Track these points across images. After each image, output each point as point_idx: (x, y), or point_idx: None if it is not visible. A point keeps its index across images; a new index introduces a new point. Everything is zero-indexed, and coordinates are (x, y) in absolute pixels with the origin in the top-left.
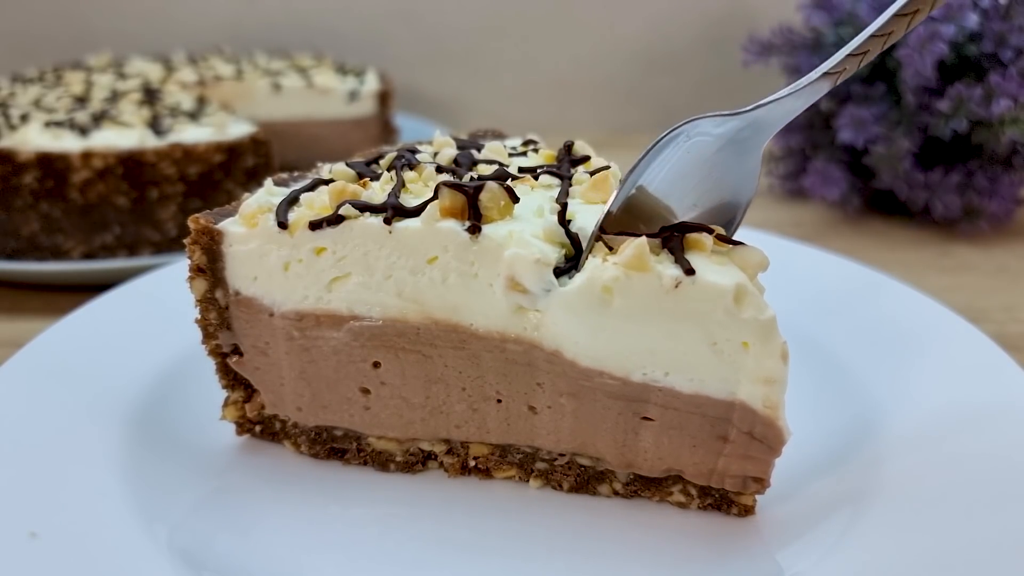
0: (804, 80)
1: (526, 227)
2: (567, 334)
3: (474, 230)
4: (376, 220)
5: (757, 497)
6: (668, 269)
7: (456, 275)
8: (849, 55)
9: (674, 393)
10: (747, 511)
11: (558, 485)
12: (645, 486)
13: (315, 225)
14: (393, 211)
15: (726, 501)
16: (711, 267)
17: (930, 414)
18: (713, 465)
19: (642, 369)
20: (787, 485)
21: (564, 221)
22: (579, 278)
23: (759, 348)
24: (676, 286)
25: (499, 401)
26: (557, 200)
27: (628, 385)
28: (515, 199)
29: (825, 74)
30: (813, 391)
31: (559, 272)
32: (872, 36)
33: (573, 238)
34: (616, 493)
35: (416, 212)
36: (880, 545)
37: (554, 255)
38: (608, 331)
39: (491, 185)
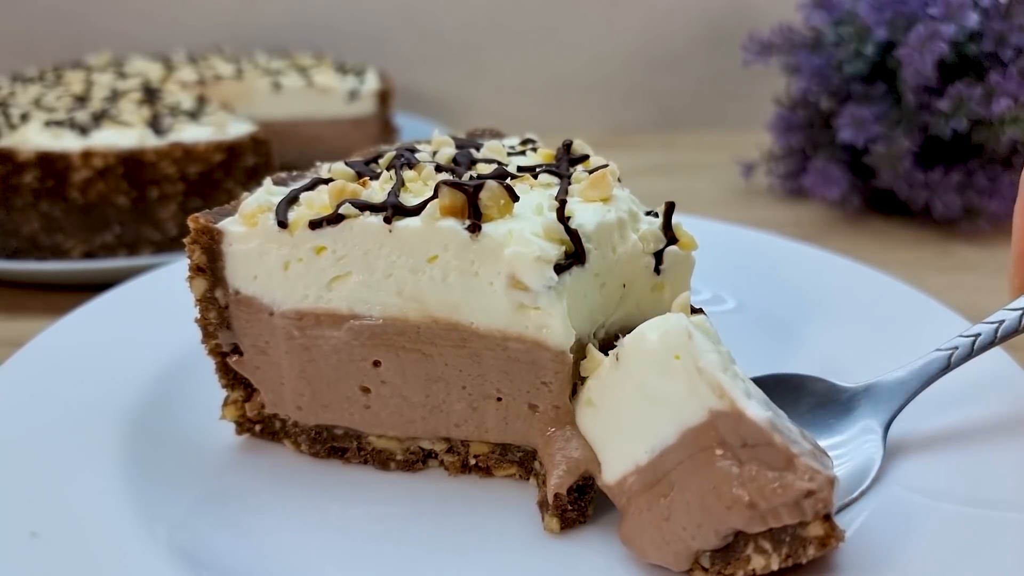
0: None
1: (526, 225)
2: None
3: (474, 229)
4: (376, 219)
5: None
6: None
7: (456, 274)
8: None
9: (669, 449)
10: (823, 544)
11: None
12: (724, 561)
13: (315, 224)
14: (393, 210)
15: (799, 541)
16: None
17: (928, 414)
18: (745, 498)
19: (645, 447)
20: None
21: (563, 218)
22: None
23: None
24: (617, 359)
25: (499, 399)
26: (556, 198)
27: (642, 472)
28: (515, 198)
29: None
30: None
31: (560, 269)
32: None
33: (573, 235)
34: None
35: (416, 211)
36: (880, 545)
37: (554, 252)
38: (614, 437)
39: (491, 184)
